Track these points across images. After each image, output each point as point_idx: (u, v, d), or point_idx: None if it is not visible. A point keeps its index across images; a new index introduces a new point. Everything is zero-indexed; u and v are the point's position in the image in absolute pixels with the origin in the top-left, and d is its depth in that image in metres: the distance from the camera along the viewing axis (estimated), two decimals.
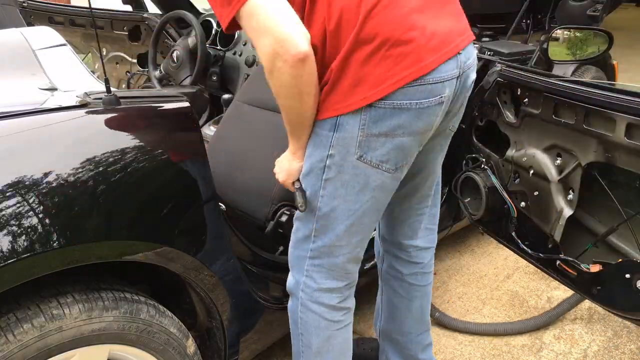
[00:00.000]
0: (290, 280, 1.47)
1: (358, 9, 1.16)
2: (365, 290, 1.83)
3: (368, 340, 1.99)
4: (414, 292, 1.69)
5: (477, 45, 2.17)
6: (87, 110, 1.21)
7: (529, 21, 3.52)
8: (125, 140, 1.23)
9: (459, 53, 1.26)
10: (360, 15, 1.16)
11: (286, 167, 1.38)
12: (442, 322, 2.18)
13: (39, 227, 1.07)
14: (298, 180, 1.36)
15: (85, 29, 3.03)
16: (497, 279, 2.51)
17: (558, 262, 1.72)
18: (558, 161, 1.69)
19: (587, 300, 1.99)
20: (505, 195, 1.92)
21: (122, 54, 3.28)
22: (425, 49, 1.19)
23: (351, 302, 1.49)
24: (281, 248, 1.87)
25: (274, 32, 1.09)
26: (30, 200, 1.06)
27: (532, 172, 1.79)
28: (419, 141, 1.29)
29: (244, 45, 2.79)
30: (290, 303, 1.49)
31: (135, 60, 3.28)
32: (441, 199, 2.34)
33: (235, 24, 1.15)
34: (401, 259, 1.66)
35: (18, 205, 1.05)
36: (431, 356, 1.80)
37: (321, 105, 1.24)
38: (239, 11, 1.11)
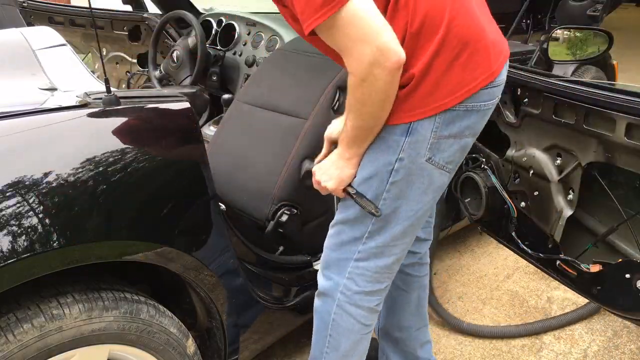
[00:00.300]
0: (324, 281, 1.45)
1: (443, 12, 1.17)
2: None
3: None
4: (412, 284, 1.70)
5: None
6: (87, 110, 1.21)
7: (529, 21, 3.51)
8: (125, 140, 1.23)
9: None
10: (446, 19, 1.17)
11: (337, 174, 1.32)
12: (474, 332, 2.16)
13: (39, 227, 1.07)
14: (350, 186, 1.32)
15: (85, 29, 3.03)
16: (497, 279, 2.51)
17: (558, 262, 1.72)
18: (558, 161, 1.69)
19: (587, 300, 1.99)
20: (505, 195, 1.92)
21: (122, 54, 3.28)
22: (493, 55, 1.24)
23: (382, 304, 1.49)
24: (281, 248, 1.87)
25: (376, 40, 1.09)
26: (30, 200, 1.06)
27: (532, 172, 1.79)
28: (474, 140, 1.33)
29: (244, 45, 2.79)
30: (320, 303, 1.47)
31: (135, 60, 3.28)
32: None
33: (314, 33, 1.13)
34: None
35: (18, 205, 1.05)
36: (430, 355, 1.80)
37: (395, 110, 1.22)
38: (334, 16, 1.07)
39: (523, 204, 1.87)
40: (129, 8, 3.22)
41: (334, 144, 1.44)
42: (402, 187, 1.28)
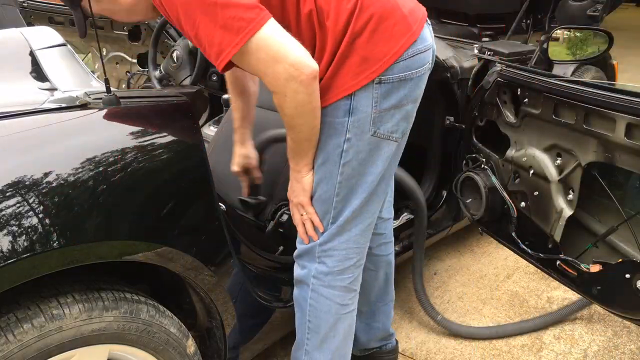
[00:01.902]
0: (299, 270, 1.52)
1: None
2: None
3: None
4: (380, 262, 1.77)
5: (477, 45, 2.18)
6: (87, 110, 1.21)
7: (529, 21, 3.51)
8: (125, 140, 1.23)
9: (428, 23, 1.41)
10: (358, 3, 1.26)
11: (300, 187, 1.42)
12: (450, 329, 2.17)
13: (39, 227, 1.06)
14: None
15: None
16: (497, 279, 2.51)
17: (558, 262, 1.72)
18: (558, 161, 1.69)
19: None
20: (505, 195, 1.92)
21: (122, 54, 3.28)
22: (411, 20, 1.33)
23: (359, 284, 1.55)
24: (281, 248, 1.87)
25: (287, 58, 1.17)
26: (30, 200, 1.06)
27: (532, 172, 1.79)
28: (416, 107, 1.42)
29: None
30: (297, 292, 1.54)
31: (135, 60, 3.27)
32: (441, 199, 2.36)
33: (230, 64, 1.20)
34: None
35: (18, 205, 1.05)
36: (390, 328, 1.89)
37: (327, 91, 1.31)
38: (246, 45, 1.15)
39: (523, 204, 1.87)
40: None
41: (247, 172, 1.68)
42: (353, 165, 1.37)
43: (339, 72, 1.30)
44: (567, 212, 1.68)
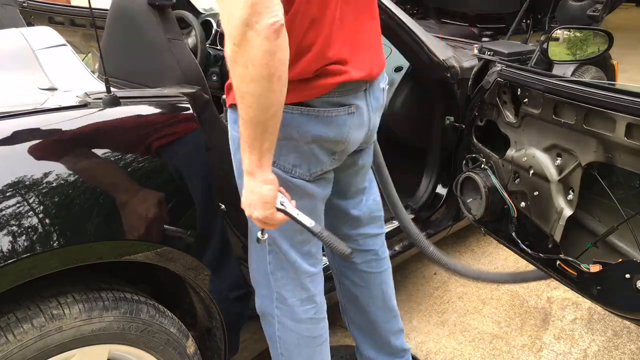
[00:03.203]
0: (259, 301, 1.45)
1: (318, 37, 1.15)
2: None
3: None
4: (372, 280, 1.67)
5: (477, 45, 2.18)
6: (87, 110, 1.21)
7: (529, 21, 3.52)
8: (125, 140, 1.23)
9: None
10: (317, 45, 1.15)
11: (255, 198, 1.12)
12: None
13: (39, 227, 1.07)
14: (281, 198, 1.14)
15: (86, 29, 3.03)
16: None
17: (558, 262, 1.72)
18: (558, 161, 1.69)
19: (587, 300, 1.99)
20: (505, 195, 1.92)
21: None
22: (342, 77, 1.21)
23: (325, 310, 1.47)
24: None
25: None
26: (30, 200, 1.06)
27: (532, 172, 1.79)
28: (329, 151, 1.27)
29: None
30: (265, 325, 1.47)
31: None
32: (441, 199, 2.36)
33: None
34: (352, 249, 1.63)
35: (18, 205, 1.05)
36: (402, 342, 1.79)
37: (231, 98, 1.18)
38: None
39: (523, 204, 1.87)
40: None
41: None
42: None
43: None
44: (567, 212, 1.68)
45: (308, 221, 1.15)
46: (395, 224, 2.08)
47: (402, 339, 1.79)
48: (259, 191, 1.11)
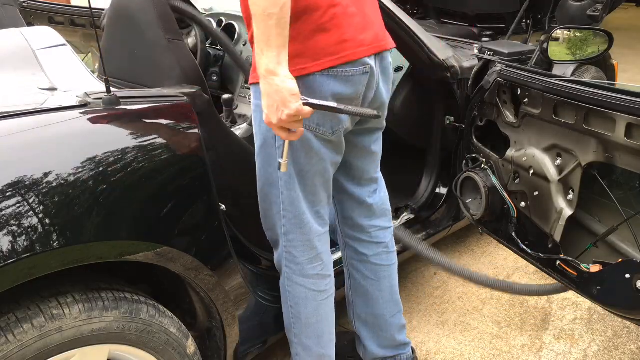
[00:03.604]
0: (275, 256, 1.59)
1: None
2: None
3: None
4: (381, 273, 1.76)
5: (477, 45, 2.17)
6: (87, 110, 1.21)
7: (529, 21, 3.52)
8: (125, 140, 1.23)
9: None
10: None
11: (282, 95, 1.19)
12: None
13: (39, 227, 1.07)
14: (305, 99, 1.23)
15: (86, 29, 3.03)
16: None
17: (558, 262, 1.72)
18: (558, 161, 1.69)
19: (587, 300, 1.99)
20: (505, 195, 1.92)
21: None
22: (357, 31, 1.34)
23: (331, 269, 1.59)
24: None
25: None
26: (30, 200, 1.06)
27: (532, 172, 1.79)
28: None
29: (244, 45, 2.78)
30: (280, 277, 1.60)
31: None
32: (441, 199, 2.36)
33: None
34: (364, 241, 1.73)
35: (18, 205, 1.05)
36: (405, 337, 1.85)
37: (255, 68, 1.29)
38: None
39: (523, 204, 1.87)
40: None
41: None
42: (289, 150, 1.35)
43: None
44: (567, 212, 1.68)
45: (332, 103, 1.28)
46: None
47: (404, 334, 1.85)
48: (285, 86, 1.19)
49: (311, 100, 1.24)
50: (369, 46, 1.38)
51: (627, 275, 1.48)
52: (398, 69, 2.39)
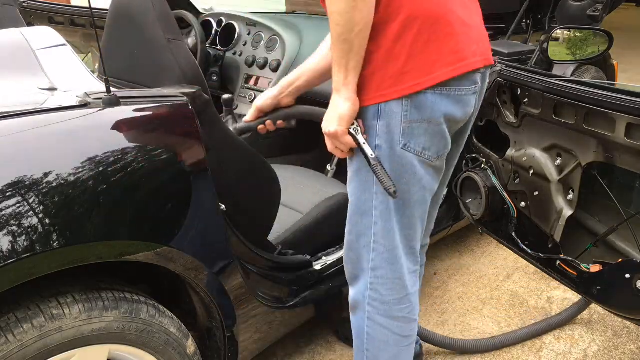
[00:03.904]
0: (352, 293, 1.44)
1: None
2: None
3: None
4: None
5: None
6: (87, 110, 1.21)
7: (529, 21, 3.51)
8: (125, 140, 1.23)
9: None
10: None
11: (334, 114, 1.21)
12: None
13: (39, 227, 1.06)
14: (356, 126, 1.21)
15: (86, 29, 3.03)
16: (497, 279, 2.51)
17: (558, 262, 1.72)
18: (558, 161, 1.69)
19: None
20: (505, 195, 1.92)
21: None
22: (466, 44, 1.22)
23: (417, 314, 1.47)
24: (280, 247, 1.87)
25: None
26: (30, 200, 1.06)
27: (532, 172, 1.79)
28: (453, 129, 1.30)
29: (244, 45, 2.79)
30: (354, 318, 1.46)
31: None
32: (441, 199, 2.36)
33: None
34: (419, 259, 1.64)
35: (18, 205, 1.05)
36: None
37: (364, 89, 1.21)
38: None
39: (523, 204, 1.87)
40: None
41: (262, 112, 1.52)
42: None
43: (386, 73, 1.20)
44: (567, 212, 1.68)
45: (369, 151, 1.22)
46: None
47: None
48: (339, 106, 1.20)
49: (357, 135, 1.22)
50: (482, 57, 1.28)
51: (627, 275, 1.48)
52: None
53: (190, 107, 1.34)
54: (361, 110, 1.23)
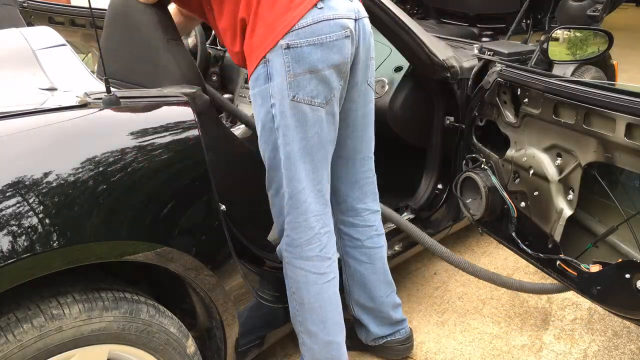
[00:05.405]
0: (278, 246, 1.62)
1: None
2: None
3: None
4: (375, 255, 1.81)
5: (477, 45, 2.17)
6: (87, 110, 1.21)
7: (529, 21, 3.52)
8: (125, 140, 1.23)
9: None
10: None
11: None
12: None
13: (39, 227, 1.07)
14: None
15: (85, 29, 3.03)
16: None
17: (558, 262, 1.72)
18: (558, 161, 1.69)
19: (587, 300, 1.99)
20: (505, 195, 1.92)
21: None
22: None
23: (332, 251, 1.59)
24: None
25: None
26: (30, 200, 1.06)
27: (532, 172, 1.79)
28: (338, 75, 1.45)
29: None
30: (283, 268, 1.62)
31: None
32: (441, 199, 2.37)
33: None
34: (358, 225, 1.79)
35: (18, 205, 1.05)
36: (401, 315, 1.93)
37: (247, 60, 1.47)
38: None
39: (523, 204, 1.87)
40: None
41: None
42: (284, 130, 1.44)
43: (252, 42, 1.42)
44: (567, 212, 1.68)
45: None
46: (393, 225, 2.12)
47: (400, 312, 1.92)
48: None
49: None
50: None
51: (627, 275, 1.48)
52: (398, 69, 2.39)
53: (190, 107, 1.35)
54: (253, 79, 1.45)
